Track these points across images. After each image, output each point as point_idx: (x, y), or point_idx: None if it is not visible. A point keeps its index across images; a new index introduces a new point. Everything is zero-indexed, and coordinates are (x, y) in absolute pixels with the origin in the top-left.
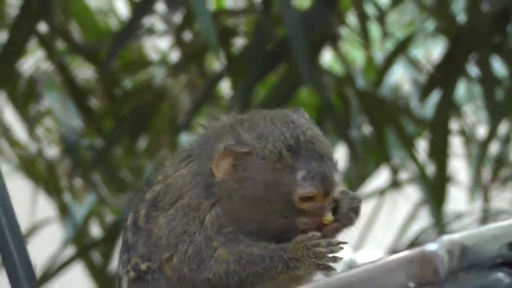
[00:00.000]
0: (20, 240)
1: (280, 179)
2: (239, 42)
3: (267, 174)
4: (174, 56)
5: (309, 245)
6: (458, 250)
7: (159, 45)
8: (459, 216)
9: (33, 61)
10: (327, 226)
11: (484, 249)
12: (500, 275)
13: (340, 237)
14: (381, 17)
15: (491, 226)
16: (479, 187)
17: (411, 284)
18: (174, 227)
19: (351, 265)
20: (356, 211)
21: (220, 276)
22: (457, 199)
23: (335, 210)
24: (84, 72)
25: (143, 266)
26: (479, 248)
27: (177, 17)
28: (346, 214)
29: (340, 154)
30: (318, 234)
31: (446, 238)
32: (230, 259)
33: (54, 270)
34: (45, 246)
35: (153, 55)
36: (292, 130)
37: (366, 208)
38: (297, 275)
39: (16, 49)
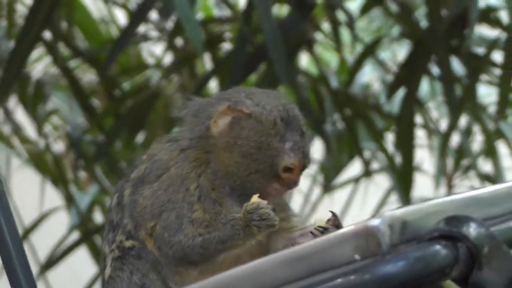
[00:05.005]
0: (18, 239)
1: (272, 143)
2: (225, 47)
3: (262, 137)
4: (167, 60)
5: (250, 209)
6: (399, 225)
7: (154, 50)
8: (425, 201)
9: (42, 66)
10: (298, 230)
11: (423, 223)
12: (438, 247)
13: None
14: (351, 24)
15: (431, 202)
16: (443, 175)
17: (357, 256)
18: (158, 197)
19: None
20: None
21: (188, 238)
22: (423, 186)
23: (322, 233)
24: (87, 75)
25: (128, 244)
26: (419, 222)
27: (169, 25)
28: None
29: (316, 148)
30: (259, 200)
31: (388, 213)
32: (206, 217)
33: (61, 253)
34: (53, 232)
35: (148, 60)
36: (283, 104)
37: (342, 195)
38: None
39: (23, 55)
